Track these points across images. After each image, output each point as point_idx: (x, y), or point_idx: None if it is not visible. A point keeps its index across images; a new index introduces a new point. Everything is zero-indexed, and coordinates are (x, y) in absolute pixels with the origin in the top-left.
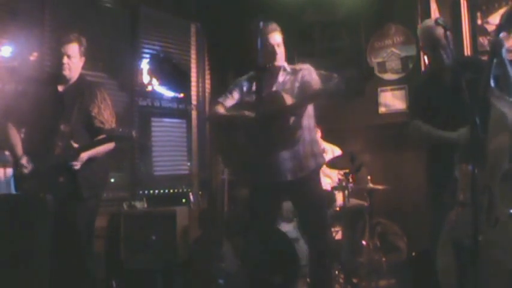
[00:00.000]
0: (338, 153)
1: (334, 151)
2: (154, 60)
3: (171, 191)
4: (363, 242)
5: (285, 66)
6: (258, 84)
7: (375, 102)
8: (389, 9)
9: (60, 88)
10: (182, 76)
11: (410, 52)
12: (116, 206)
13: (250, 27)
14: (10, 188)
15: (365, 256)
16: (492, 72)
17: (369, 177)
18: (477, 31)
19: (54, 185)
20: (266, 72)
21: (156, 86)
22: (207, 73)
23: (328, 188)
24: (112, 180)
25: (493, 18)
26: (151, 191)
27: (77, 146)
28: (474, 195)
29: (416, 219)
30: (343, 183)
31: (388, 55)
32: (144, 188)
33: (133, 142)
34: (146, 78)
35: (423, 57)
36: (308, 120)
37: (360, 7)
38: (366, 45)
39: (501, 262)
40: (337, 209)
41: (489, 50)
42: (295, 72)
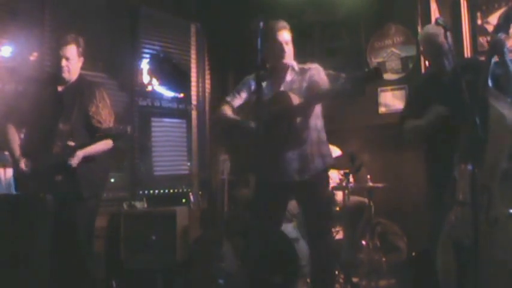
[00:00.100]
0: (338, 153)
1: (333, 151)
2: (154, 60)
3: (171, 191)
4: (363, 242)
5: (294, 65)
6: (258, 84)
7: (375, 102)
8: (389, 9)
9: (60, 88)
10: (182, 76)
11: (410, 52)
12: (116, 206)
13: (250, 27)
14: (11, 188)
15: (365, 256)
16: (491, 72)
17: (369, 176)
18: (477, 31)
19: (53, 185)
20: (274, 70)
21: (156, 86)
22: (207, 73)
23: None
24: (112, 180)
25: (493, 18)
26: (151, 191)
27: (73, 144)
28: (474, 195)
29: (416, 219)
30: (343, 183)
31: (388, 55)
32: (144, 188)
33: (128, 138)
34: (146, 78)
35: (424, 59)
36: (316, 120)
37: (360, 7)
38: (366, 45)
39: (501, 262)
40: (337, 209)
41: (487, 50)
42: (303, 72)
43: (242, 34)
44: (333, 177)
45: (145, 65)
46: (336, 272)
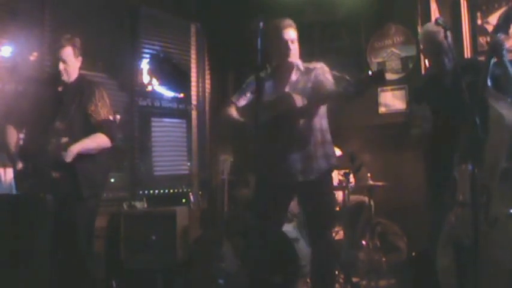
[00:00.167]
0: (338, 153)
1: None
2: (154, 60)
3: (171, 191)
4: (363, 242)
5: (299, 64)
6: (258, 85)
7: (375, 102)
8: (389, 9)
9: (59, 88)
10: (182, 76)
11: (410, 52)
12: (116, 206)
13: (250, 27)
14: (12, 189)
15: (365, 256)
16: (490, 72)
17: (369, 174)
18: (477, 31)
19: (53, 183)
20: (279, 69)
21: (156, 86)
22: (207, 73)
23: None
24: (112, 180)
25: (493, 18)
26: (151, 191)
27: (66, 140)
28: (474, 195)
29: (416, 219)
30: (343, 183)
31: (388, 55)
32: (144, 188)
33: (117, 125)
34: (146, 78)
35: (423, 58)
36: (320, 121)
37: (360, 7)
38: (366, 45)
39: (501, 262)
40: (337, 209)
41: (487, 51)
42: (308, 71)
43: (242, 34)
44: (333, 177)
45: (145, 65)
46: (336, 272)
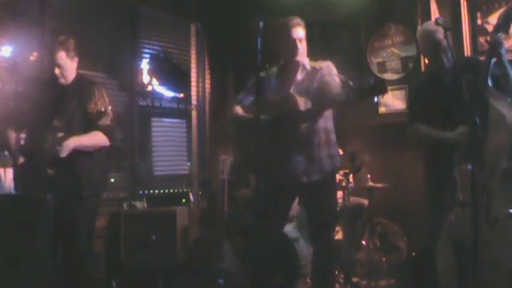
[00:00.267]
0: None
1: None
2: (154, 60)
3: (171, 191)
4: (363, 242)
5: (306, 63)
6: (257, 85)
7: (375, 102)
8: (389, 9)
9: (59, 88)
10: (182, 76)
11: (410, 52)
12: (116, 206)
13: (250, 27)
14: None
15: (365, 256)
16: (490, 72)
17: (369, 175)
18: (477, 31)
19: (50, 182)
20: (285, 68)
21: (156, 86)
22: (207, 73)
23: None
24: (112, 180)
25: (493, 18)
26: (151, 191)
27: (62, 135)
28: (474, 195)
29: (416, 219)
30: (343, 183)
31: (388, 55)
32: (144, 188)
33: (109, 116)
34: (146, 78)
35: (423, 58)
36: (325, 122)
37: (360, 7)
38: (366, 45)
39: (501, 262)
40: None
41: (487, 50)
42: (314, 71)
43: (242, 34)
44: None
45: (145, 65)
46: (336, 272)
